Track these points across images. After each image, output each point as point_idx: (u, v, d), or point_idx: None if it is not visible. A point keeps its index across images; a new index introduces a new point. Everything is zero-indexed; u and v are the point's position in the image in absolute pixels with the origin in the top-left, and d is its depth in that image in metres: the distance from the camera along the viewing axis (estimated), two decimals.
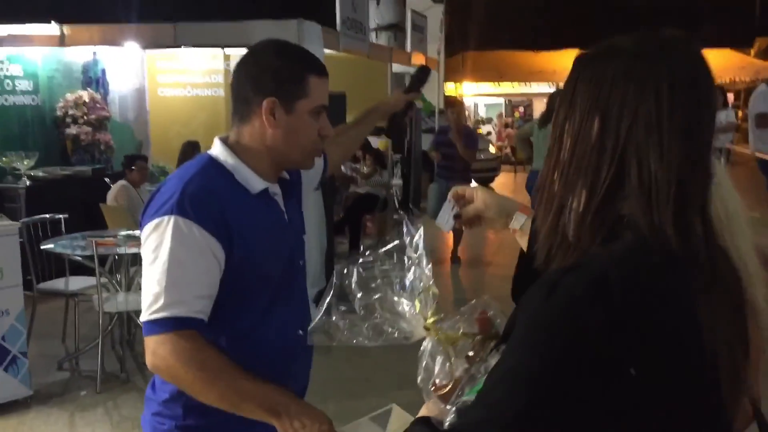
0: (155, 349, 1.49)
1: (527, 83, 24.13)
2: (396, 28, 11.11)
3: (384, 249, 1.20)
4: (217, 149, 1.62)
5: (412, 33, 10.67)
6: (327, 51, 6.50)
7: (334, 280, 1.21)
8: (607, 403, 0.87)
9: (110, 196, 6.12)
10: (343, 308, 1.22)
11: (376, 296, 1.17)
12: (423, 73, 2.23)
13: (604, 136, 0.95)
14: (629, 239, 0.93)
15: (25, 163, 6.58)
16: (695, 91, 0.95)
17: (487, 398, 0.92)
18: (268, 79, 1.57)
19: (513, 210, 1.43)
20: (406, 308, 1.14)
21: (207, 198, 1.51)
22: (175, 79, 8.32)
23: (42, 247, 4.82)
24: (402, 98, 2.21)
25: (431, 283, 1.15)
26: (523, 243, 1.40)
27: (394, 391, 4.48)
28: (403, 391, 4.46)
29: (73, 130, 7.20)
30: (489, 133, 19.77)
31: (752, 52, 23.10)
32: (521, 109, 25.29)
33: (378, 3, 10.70)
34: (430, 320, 1.13)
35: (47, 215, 5.22)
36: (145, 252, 1.52)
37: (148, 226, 1.52)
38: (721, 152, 9.73)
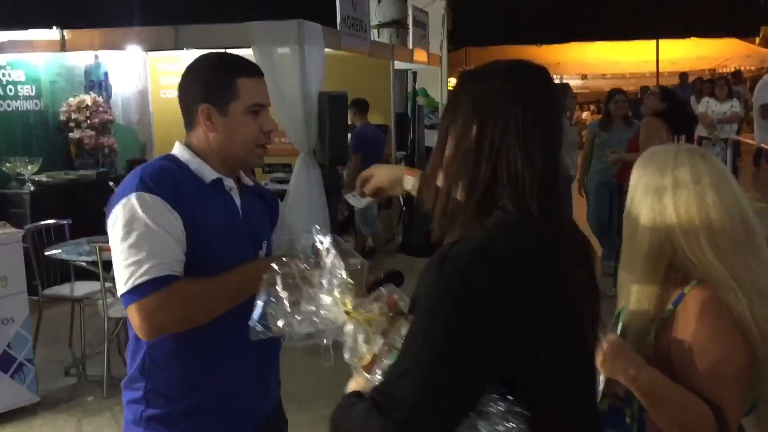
0: (148, 310, 1.57)
1: None
2: (398, 25, 11.05)
3: (299, 255, 1.43)
4: (176, 149, 1.78)
5: (414, 29, 10.63)
6: (328, 50, 6.48)
7: (263, 286, 1.40)
8: (499, 343, 1.10)
9: None
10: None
11: (300, 293, 1.37)
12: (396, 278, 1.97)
13: (481, 140, 1.18)
14: (501, 216, 1.17)
15: (29, 168, 6.59)
16: (548, 107, 1.22)
17: (406, 355, 1.13)
18: (200, 88, 1.73)
19: (401, 175, 1.74)
20: (327, 300, 1.34)
21: (164, 176, 1.66)
22: (177, 81, 8.28)
23: (46, 253, 4.83)
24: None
25: (345, 277, 1.36)
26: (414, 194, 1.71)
27: (308, 394, 4.41)
28: (320, 395, 4.43)
29: (76, 134, 7.20)
30: None
31: (757, 40, 22.94)
32: None
33: (379, 0, 10.66)
34: (350, 305, 1.33)
35: (51, 221, 5.23)
36: (116, 231, 1.62)
37: (116, 209, 1.63)
38: (726, 143, 9.66)
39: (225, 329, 1.69)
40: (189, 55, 7.97)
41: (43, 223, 5.20)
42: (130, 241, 1.58)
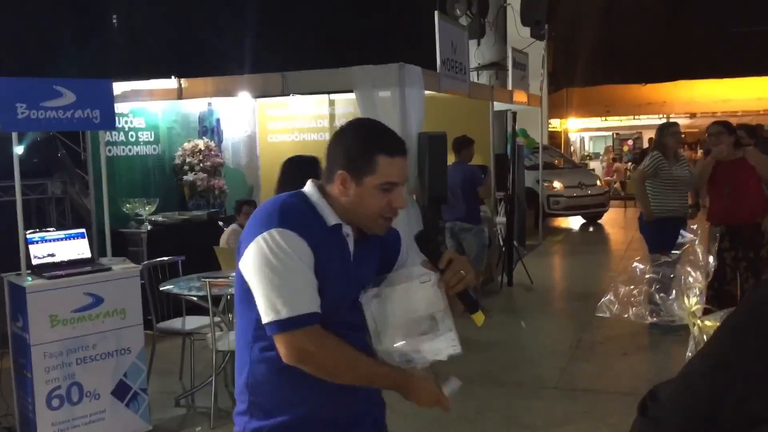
0: (296, 343, 1.70)
1: (635, 116, 23.43)
2: (497, 67, 11.11)
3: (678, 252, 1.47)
4: (308, 187, 1.89)
5: (513, 71, 10.64)
6: (427, 92, 6.58)
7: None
8: None
9: (223, 239, 6.40)
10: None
11: (658, 287, 1.40)
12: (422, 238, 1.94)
13: None
14: None
15: (147, 208, 6.99)
16: None
17: (688, 363, 1.07)
18: (343, 155, 1.82)
19: None
20: (678, 299, 1.34)
21: (297, 214, 1.78)
22: (283, 126, 8.67)
23: (161, 288, 5.09)
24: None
25: (702, 279, 1.33)
26: None
27: None
28: None
29: (189, 176, 7.61)
30: (593, 170, 19.23)
31: None
32: (630, 142, 24.55)
33: (479, 43, 10.76)
34: (694, 308, 1.28)
35: (166, 258, 5.52)
36: (260, 261, 1.72)
37: (258, 241, 1.73)
38: None
39: None
40: (295, 101, 8.36)
41: (158, 260, 5.50)
42: (278, 273, 1.70)
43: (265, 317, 1.71)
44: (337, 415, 1.85)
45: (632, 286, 1.53)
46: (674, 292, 1.40)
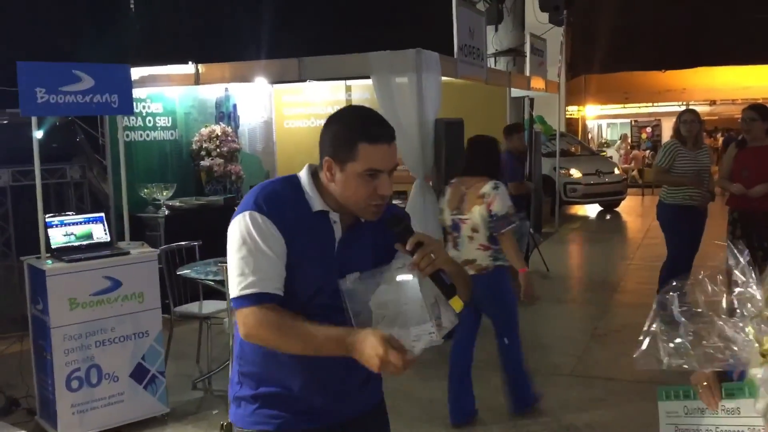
0: (245, 319, 1.81)
1: (654, 103, 23.18)
2: (515, 53, 11.03)
3: (704, 274, 1.20)
4: (303, 173, 1.94)
5: (531, 57, 10.55)
6: (444, 78, 6.55)
7: (655, 307, 1.23)
8: None
9: None
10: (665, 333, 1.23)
11: (704, 322, 1.15)
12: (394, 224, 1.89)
13: None
14: None
15: (164, 194, 7.03)
16: None
17: None
18: (329, 141, 1.86)
19: None
20: (737, 334, 1.11)
21: (276, 200, 1.84)
22: (299, 111, 8.67)
23: (178, 273, 5.12)
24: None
25: (765, 308, 1.11)
26: None
27: (420, 422, 4.38)
28: (432, 424, 4.32)
29: (206, 162, 7.63)
30: (610, 157, 19.07)
31: None
32: (648, 129, 24.31)
33: (496, 29, 10.67)
34: (766, 346, 1.10)
35: (183, 243, 5.55)
36: (231, 242, 1.84)
37: (233, 222, 1.85)
38: None
39: None
40: (311, 87, 8.34)
41: (175, 244, 5.53)
42: (242, 254, 1.80)
43: (230, 295, 1.84)
44: (319, 389, 1.90)
45: (669, 327, 1.23)
46: (728, 328, 1.14)
